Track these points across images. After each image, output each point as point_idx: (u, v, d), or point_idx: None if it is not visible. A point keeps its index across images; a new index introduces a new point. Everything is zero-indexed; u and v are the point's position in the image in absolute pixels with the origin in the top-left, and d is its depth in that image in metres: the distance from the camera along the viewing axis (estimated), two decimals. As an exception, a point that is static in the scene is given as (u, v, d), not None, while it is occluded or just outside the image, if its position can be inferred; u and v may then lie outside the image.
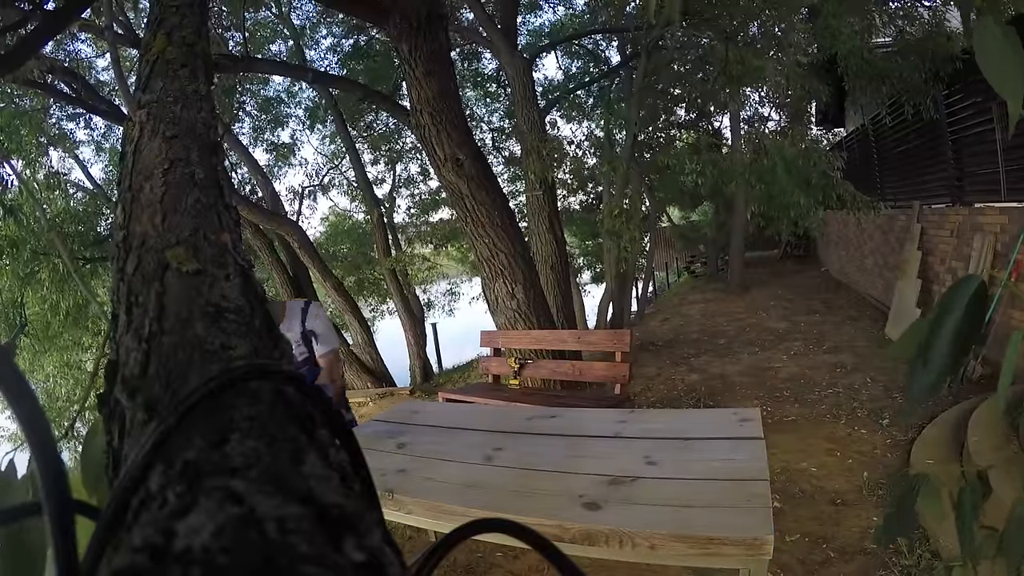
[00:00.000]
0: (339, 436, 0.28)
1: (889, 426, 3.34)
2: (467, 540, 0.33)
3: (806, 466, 2.98)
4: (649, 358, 5.98)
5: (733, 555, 1.17)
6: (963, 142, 4.69)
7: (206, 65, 0.66)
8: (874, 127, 6.94)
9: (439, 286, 12.81)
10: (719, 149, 6.59)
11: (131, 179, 0.50)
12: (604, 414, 2.23)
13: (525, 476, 1.58)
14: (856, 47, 4.97)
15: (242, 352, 0.32)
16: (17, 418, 0.25)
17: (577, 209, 11.31)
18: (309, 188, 11.35)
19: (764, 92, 8.06)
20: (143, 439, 0.23)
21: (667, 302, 10.64)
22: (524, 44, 8.40)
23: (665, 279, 14.89)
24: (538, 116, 5.64)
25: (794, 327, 6.33)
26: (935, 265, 4.97)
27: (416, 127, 3.95)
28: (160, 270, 0.39)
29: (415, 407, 2.67)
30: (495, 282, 4.14)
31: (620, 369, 3.42)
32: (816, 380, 4.42)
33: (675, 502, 1.34)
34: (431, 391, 6.55)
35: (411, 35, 3.65)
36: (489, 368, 4.17)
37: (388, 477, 1.64)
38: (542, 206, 5.23)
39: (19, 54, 2.40)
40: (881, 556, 2.16)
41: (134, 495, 0.22)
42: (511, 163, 10.54)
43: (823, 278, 9.50)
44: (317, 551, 0.17)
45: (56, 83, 5.80)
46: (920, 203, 5.43)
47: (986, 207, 4.18)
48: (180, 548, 0.17)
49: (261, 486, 0.20)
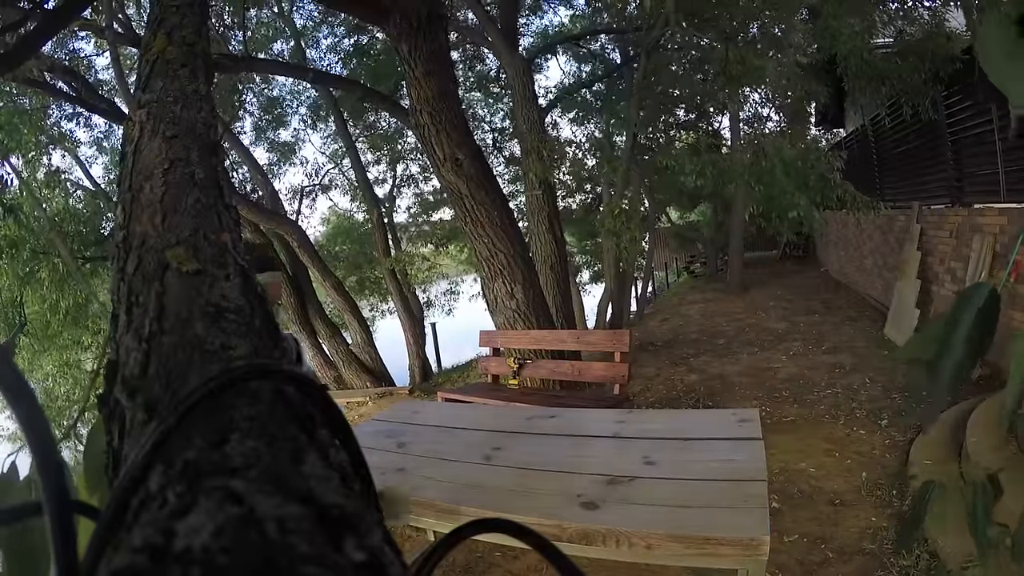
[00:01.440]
0: (339, 436, 0.28)
1: (888, 427, 3.34)
2: (466, 540, 0.33)
3: (805, 466, 2.98)
4: (648, 358, 5.98)
5: (729, 555, 1.17)
6: (962, 143, 4.69)
7: (206, 65, 0.66)
8: (874, 127, 6.94)
9: (439, 286, 12.81)
10: (719, 150, 6.59)
11: (131, 179, 0.50)
12: (603, 414, 2.23)
13: (524, 476, 1.58)
14: (856, 48, 4.97)
15: (242, 352, 0.32)
16: (17, 418, 0.25)
17: (577, 209, 11.31)
18: (309, 188, 11.36)
19: (764, 93, 8.06)
20: (143, 439, 0.23)
21: (666, 302, 10.64)
22: (525, 45, 8.41)
23: (665, 279, 14.90)
24: (538, 116, 5.64)
25: (793, 327, 6.33)
26: (934, 265, 4.97)
27: (416, 127, 3.95)
28: (160, 270, 0.39)
29: (414, 407, 2.67)
30: (494, 282, 4.14)
31: (619, 369, 3.42)
32: (815, 380, 4.42)
33: (672, 502, 1.34)
34: (430, 391, 6.55)
35: (411, 35, 3.65)
36: (488, 368, 4.17)
37: (388, 476, 1.64)
38: (542, 206, 5.23)
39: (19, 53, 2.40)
40: (879, 556, 2.16)
41: (134, 495, 0.22)
42: (511, 163, 10.54)
43: (822, 278, 9.51)
44: (317, 551, 0.17)
45: (56, 82, 5.80)
46: (919, 203, 5.43)
47: (985, 208, 4.18)
48: (180, 548, 0.17)
49: (261, 486, 0.20)
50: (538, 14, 9.56)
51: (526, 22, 8.97)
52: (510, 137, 10.28)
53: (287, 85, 9.87)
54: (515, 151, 10.17)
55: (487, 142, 10.19)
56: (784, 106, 7.84)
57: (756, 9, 5.13)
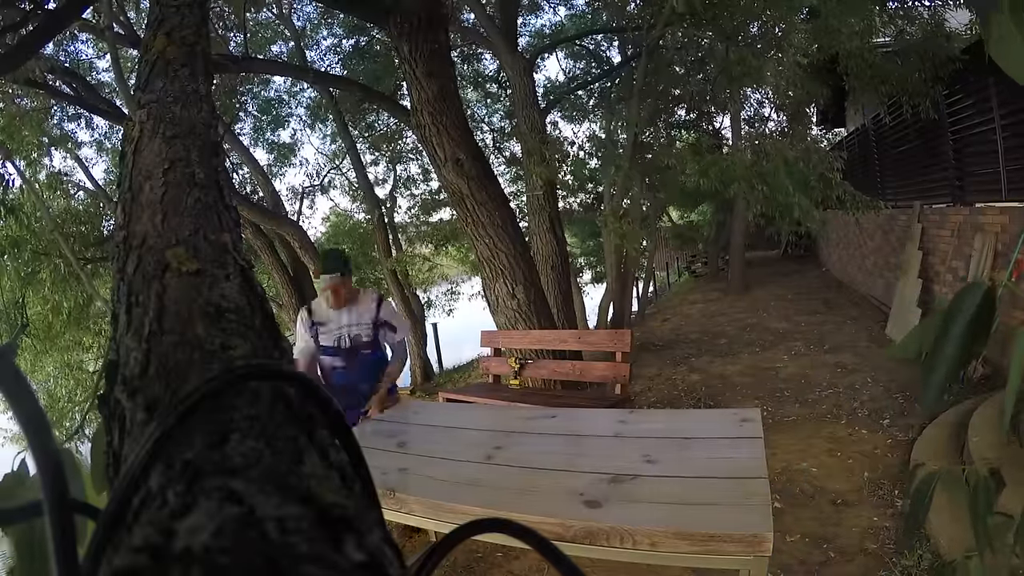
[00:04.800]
0: (339, 436, 0.28)
1: (890, 426, 3.34)
2: (467, 540, 0.33)
3: (806, 466, 2.98)
4: (650, 358, 5.98)
5: (733, 552, 1.17)
6: (964, 142, 4.68)
7: (206, 65, 0.66)
8: (875, 127, 6.93)
9: (440, 287, 12.81)
10: (720, 149, 6.58)
11: (131, 179, 0.50)
12: (605, 414, 2.23)
13: (526, 475, 1.58)
14: (856, 47, 4.97)
15: (242, 352, 0.32)
16: (17, 418, 0.25)
17: (577, 209, 11.30)
18: (309, 188, 11.36)
19: (764, 92, 8.06)
20: (143, 439, 0.23)
21: (668, 302, 10.64)
22: (525, 45, 8.40)
23: (666, 279, 14.89)
24: (539, 116, 5.64)
25: (795, 327, 6.33)
26: (936, 265, 4.96)
27: (416, 127, 3.95)
28: (160, 270, 0.39)
29: (416, 407, 2.67)
30: (495, 282, 4.14)
31: (620, 369, 3.41)
32: (816, 380, 4.41)
33: (675, 500, 1.34)
34: (432, 391, 6.55)
35: (411, 35, 3.65)
36: (489, 368, 4.17)
37: (389, 476, 1.64)
38: (542, 206, 5.23)
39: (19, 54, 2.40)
40: (881, 556, 2.16)
41: (134, 495, 0.22)
42: (512, 163, 10.54)
43: (824, 278, 9.50)
44: (317, 551, 0.17)
45: (57, 83, 5.80)
46: (921, 203, 5.42)
47: (987, 207, 4.17)
48: (180, 548, 0.17)
49: (261, 486, 0.20)
50: (536, 14, 9.57)
51: (523, 21, 8.98)
52: (509, 137, 10.29)
53: (285, 85, 9.90)
54: (515, 151, 10.18)
55: (487, 142, 10.20)
56: (785, 106, 7.84)
57: (756, 9, 5.13)
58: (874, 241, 6.87)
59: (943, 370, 0.62)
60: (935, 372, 0.63)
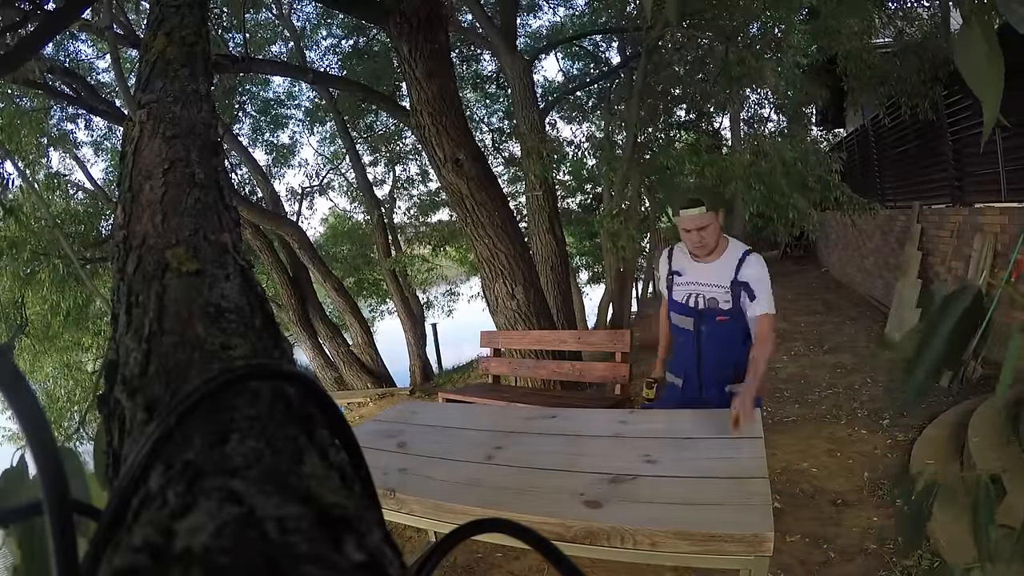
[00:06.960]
0: (339, 436, 0.28)
1: (890, 426, 3.34)
2: (467, 540, 0.33)
3: (806, 466, 2.98)
4: (650, 358, 5.97)
5: (734, 552, 1.17)
6: (963, 142, 4.69)
7: (206, 65, 0.66)
8: (874, 127, 6.93)
9: (439, 287, 12.81)
10: (719, 150, 6.58)
11: (131, 179, 0.50)
12: (604, 414, 2.23)
13: (525, 475, 1.58)
14: (856, 48, 4.97)
15: (242, 352, 0.32)
16: (17, 418, 0.25)
17: (576, 209, 11.29)
18: (309, 189, 11.36)
19: (764, 93, 8.06)
20: (143, 439, 0.23)
21: (667, 302, 10.59)
22: (524, 45, 8.40)
23: (665, 279, 14.84)
24: (538, 117, 5.64)
25: (794, 327, 6.33)
26: (935, 265, 4.96)
27: (416, 127, 3.94)
28: (160, 270, 0.39)
29: (415, 407, 2.67)
30: (495, 282, 4.14)
31: (620, 369, 3.41)
32: (816, 380, 4.41)
33: (676, 500, 1.34)
34: (431, 391, 6.55)
35: (411, 35, 3.65)
36: (489, 368, 4.17)
37: (390, 476, 1.64)
38: (542, 206, 5.23)
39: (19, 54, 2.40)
40: (882, 556, 2.16)
41: (134, 495, 0.22)
42: (511, 164, 10.54)
43: (823, 278, 9.50)
44: (317, 551, 0.17)
45: (56, 83, 5.80)
46: (920, 203, 5.43)
47: (986, 207, 4.18)
48: (180, 548, 0.17)
49: (261, 486, 0.20)
50: (535, 14, 9.57)
51: (522, 22, 8.98)
52: (509, 137, 10.29)
53: (283, 86, 9.90)
54: (515, 151, 10.18)
55: (486, 143, 10.20)
56: (784, 106, 7.85)
57: (756, 9, 5.13)
58: (873, 242, 6.87)
59: (923, 371, 0.63)
60: (916, 372, 0.63)
